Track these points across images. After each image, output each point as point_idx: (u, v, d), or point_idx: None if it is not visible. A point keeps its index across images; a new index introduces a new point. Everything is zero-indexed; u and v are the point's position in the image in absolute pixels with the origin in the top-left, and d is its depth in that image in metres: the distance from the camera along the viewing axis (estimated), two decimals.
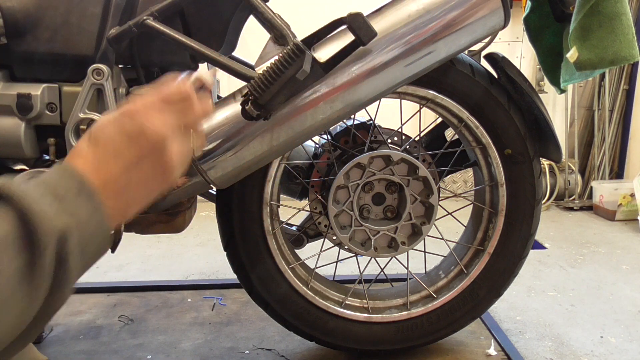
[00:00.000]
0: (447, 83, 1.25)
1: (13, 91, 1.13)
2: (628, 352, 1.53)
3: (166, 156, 0.61)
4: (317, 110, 1.01)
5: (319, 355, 1.49)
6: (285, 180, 1.39)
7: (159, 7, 1.07)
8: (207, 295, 1.87)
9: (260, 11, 1.05)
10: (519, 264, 1.39)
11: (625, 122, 3.25)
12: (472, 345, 1.53)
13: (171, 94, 0.63)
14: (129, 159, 0.59)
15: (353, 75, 1.00)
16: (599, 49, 1.06)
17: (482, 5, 1.03)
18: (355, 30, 0.92)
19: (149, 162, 0.60)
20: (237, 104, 0.98)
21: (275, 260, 1.33)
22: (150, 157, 0.60)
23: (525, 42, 3.16)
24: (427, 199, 1.30)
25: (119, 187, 0.58)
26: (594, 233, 2.70)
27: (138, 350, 1.51)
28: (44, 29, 1.12)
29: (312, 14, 2.82)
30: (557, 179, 3.25)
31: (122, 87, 1.16)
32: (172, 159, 0.62)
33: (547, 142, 1.32)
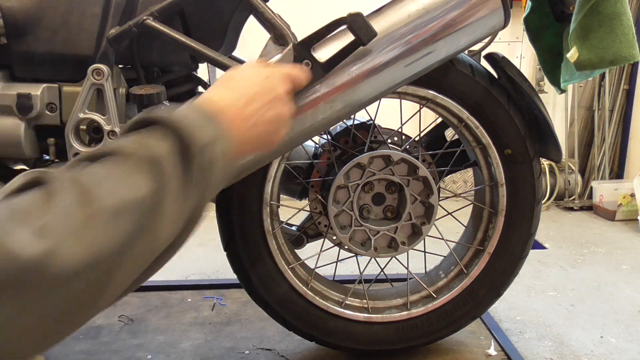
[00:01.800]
0: (447, 83, 1.25)
1: (13, 91, 1.12)
2: (628, 352, 1.53)
3: (284, 112, 0.77)
4: (317, 110, 1.01)
5: (319, 355, 1.49)
6: (285, 180, 1.39)
7: (159, 7, 1.07)
8: (207, 295, 1.87)
9: (260, 11, 1.05)
10: (519, 264, 1.39)
11: (625, 122, 3.25)
12: (472, 345, 1.53)
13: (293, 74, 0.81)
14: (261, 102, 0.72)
15: (353, 75, 1.00)
16: (599, 49, 1.05)
17: (482, 5, 1.03)
18: (355, 30, 0.92)
19: (272, 112, 0.74)
20: None
21: (275, 260, 1.33)
22: (274, 108, 0.74)
23: (525, 42, 3.16)
24: (427, 199, 1.30)
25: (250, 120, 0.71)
26: (594, 233, 2.70)
27: (138, 350, 1.51)
28: (44, 29, 1.12)
29: (312, 14, 2.81)
30: (557, 179, 3.25)
31: (122, 87, 1.16)
32: (288, 114, 0.78)
33: (547, 142, 1.32)
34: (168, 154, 0.56)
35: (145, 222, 0.53)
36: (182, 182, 0.57)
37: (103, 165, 0.54)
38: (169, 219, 0.55)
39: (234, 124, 0.68)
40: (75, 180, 0.51)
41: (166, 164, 0.55)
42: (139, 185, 0.53)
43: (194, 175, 0.58)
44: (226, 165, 0.64)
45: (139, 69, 1.17)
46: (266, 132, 0.74)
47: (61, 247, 0.46)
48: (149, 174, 0.54)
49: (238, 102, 0.70)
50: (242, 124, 0.70)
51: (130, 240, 0.51)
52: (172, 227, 0.57)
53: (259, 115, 0.72)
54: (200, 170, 0.59)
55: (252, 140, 0.72)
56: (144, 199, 0.53)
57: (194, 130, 0.59)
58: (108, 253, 0.49)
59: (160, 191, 0.54)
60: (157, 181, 0.54)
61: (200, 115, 0.63)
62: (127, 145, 0.56)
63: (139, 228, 0.52)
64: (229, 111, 0.68)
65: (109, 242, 0.49)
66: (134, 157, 0.54)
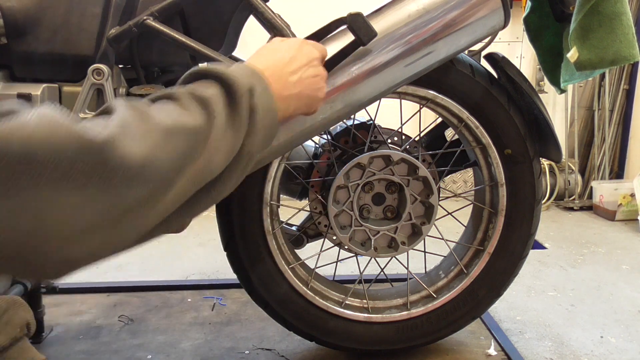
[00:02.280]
0: (447, 83, 1.25)
1: (13, 91, 1.12)
2: (628, 352, 1.53)
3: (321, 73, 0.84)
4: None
5: (319, 355, 1.49)
6: (285, 180, 1.39)
7: (159, 7, 1.07)
8: (207, 295, 1.87)
9: (260, 11, 1.05)
10: (519, 264, 1.39)
11: (625, 122, 3.25)
12: (472, 345, 1.53)
13: (319, 47, 0.87)
14: (300, 64, 0.80)
15: (353, 75, 1.00)
16: (599, 49, 1.05)
17: (482, 5, 1.03)
18: (355, 30, 0.92)
19: (312, 71, 0.82)
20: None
21: (275, 260, 1.33)
22: (314, 69, 0.82)
23: (525, 42, 3.16)
24: (427, 199, 1.30)
25: (291, 82, 0.78)
26: (594, 233, 2.70)
27: (138, 350, 1.51)
28: (44, 29, 1.12)
29: (312, 14, 2.81)
30: (557, 179, 3.25)
31: (122, 87, 1.16)
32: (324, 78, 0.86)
33: (547, 142, 1.32)
34: (215, 95, 0.63)
35: (195, 147, 0.59)
36: (228, 119, 0.63)
37: (160, 103, 0.61)
38: (217, 150, 0.61)
39: (275, 81, 0.75)
40: (135, 106, 0.57)
41: (213, 103, 0.62)
42: (190, 117, 0.59)
43: (238, 115, 0.64)
44: (269, 114, 0.70)
45: (139, 69, 1.17)
46: (306, 91, 0.80)
47: (122, 142, 0.51)
48: (199, 110, 0.61)
49: (278, 62, 0.78)
50: (283, 81, 0.77)
51: (182, 160, 0.57)
52: (219, 158, 0.62)
53: (299, 74, 0.79)
54: (243, 112, 0.65)
55: (293, 97, 0.78)
56: (194, 127, 0.59)
57: (237, 78, 0.65)
58: (162, 165, 0.54)
59: (209, 124, 0.61)
60: (206, 116, 0.61)
61: (245, 69, 0.70)
62: (179, 92, 0.63)
63: (190, 151, 0.58)
64: (270, 71, 0.75)
65: (163, 156, 0.55)
66: (185, 97, 0.62)
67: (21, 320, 0.94)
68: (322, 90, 0.85)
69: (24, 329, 0.95)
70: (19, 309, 0.95)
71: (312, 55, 0.83)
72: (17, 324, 0.93)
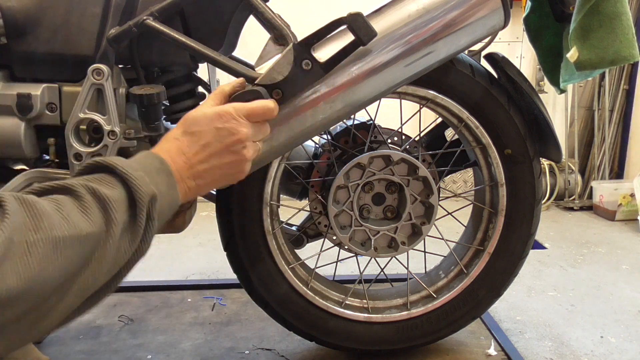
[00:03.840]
0: (447, 83, 1.25)
1: (13, 91, 1.12)
2: (628, 352, 1.53)
3: (244, 156, 0.79)
4: (317, 110, 1.01)
5: (319, 355, 1.49)
6: (285, 180, 1.39)
7: (159, 7, 1.07)
8: (207, 295, 1.87)
9: (260, 11, 1.05)
10: (519, 264, 1.39)
11: (625, 122, 3.25)
12: (472, 345, 1.53)
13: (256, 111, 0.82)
14: (214, 151, 0.76)
15: (353, 75, 1.00)
16: (599, 49, 1.05)
17: (482, 5, 1.03)
18: (355, 30, 0.92)
19: (229, 157, 0.78)
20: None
21: (275, 260, 1.33)
22: (231, 154, 0.78)
23: (525, 42, 3.16)
24: (427, 199, 1.30)
25: (200, 172, 0.75)
26: (594, 233, 2.70)
27: (138, 350, 1.51)
28: (44, 29, 1.12)
29: (312, 14, 2.81)
30: (557, 179, 3.25)
31: (122, 87, 1.16)
32: (247, 158, 0.80)
33: (547, 142, 1.32)
34: (117, 199, 0.61)
35: (87, 257, 0.57)
36: (125, 229, 0.62)
37: (56, 199, 0.57)
38: (108, 259, 0.59)
39: (185, 174, 0.74)
40: (30, 206, 0.54)
41: (114, 208, 0.60)
42: (87, 223, 0.57)
43: (136, 225, 0.63)
44: (168, 211, 0.70)
45: (139, 69, 1.17)
46: (221, 176, 0.79)
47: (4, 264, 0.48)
48: (98, 213, 0.59)
49: (192, 150, 0.75)
50: (194, 173, 0.75)
51: (72, 272, 0.55)
52: (109, 267, 0.61)
53: (214, 162, 0.77)
54: (142, 222, 0.63)
55: (203, 186, 0.77)
56: (89, 236, 0.57)
57: (142, 187, 0.63)
58: (47, 278, 0.52)
59: (105, 232, 0.59)
60: (104, 222, 0.59)
61: (153, 168, 0.68)
62: (80, 185, 0.60)
63: (80, 261, 0.56)
64: (181, 162, 0.74)
65: (49, 269, 0.52)
66: (87, 197, 0.59)
67: None
68: (239, 174, 0.82)
69: None
70: None
71: (236, 136, 0.78)
72: None
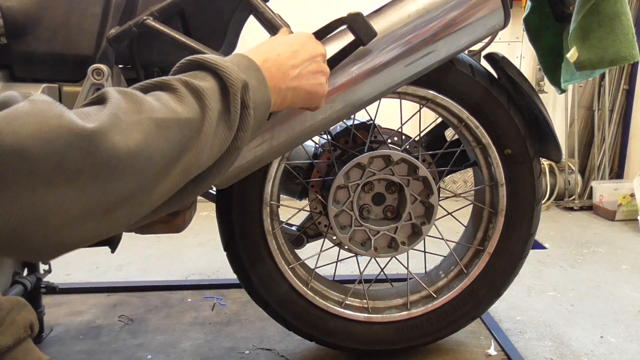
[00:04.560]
0: (447, 83, 1.25)
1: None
2: (628, 352, 1.53)
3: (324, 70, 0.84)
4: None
5: (319, 355, 1.49)
6: (285, 180, 1.39)
7: (159, 7, 1.07)
8: (207, 295, 1.87)
9: (260, 11, 1.05)
10: (519, 264, 1.39)
11: (625, 122, 3.25)
12: (472, 345, 1.53)
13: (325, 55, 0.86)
14: (303, 58, 0.79)
15: (353, 75, 1.00)
16: (599, 49, 1.05)
17: (482, 5, 1.03)
18: (355, 30, 0.92)
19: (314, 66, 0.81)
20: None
21: (275, 260, 1.33)
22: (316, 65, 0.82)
23: (525, 42, 3.16)
24: (427, 199, 1.30)
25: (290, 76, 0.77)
26: (594, 233, 2.70)
27: (138, 350, 1.51)
28: (44, 29, 1.12)
29: (312, 14, 2.81)
30: (557, 179, 3.25)
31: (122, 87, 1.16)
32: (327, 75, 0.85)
33: (547, 142, 1.32)
34: (210, 88, 0.63)
35: (187, 140, 0.59)
36: (220, 114, 0.63)
37: (154, 92, 0.60)
38: (208, 143, 0.61)
39: (274, 72, 0.75)
40: (129, 95, 0.57)
41: (208, 96, 0.62)
42: (184, 108, 0.59)
43: (231, 111, 0.65)
44: (261, 107, 0.71)
45: (139, 69, 1.17)
46: (305, 85, 0.81)
47: (112, 132, 0.50)
48: (193, 101, 0.61)
49: (280, 54, 0.77)
50: (282, 73, 0.77)
51: (173, 152, 0.57)
52: (209, 151, 0.62)
53: (300, 69, 0.79)
54: (236, 108, 0.65)
55: (290, 90, 0.78)
56: (188, 119, 0.59)
57: (232, 74, 0.65)
58: (153, 157, 0.54)
59: (203, 117, 0.61)
60: (200, 108, 0.61)
61: (242, 63, 0.70)
62: (175, 80, 0.62)
63: (182, 144, 0.58)
64: (269, 62, 0.75)
65: (154, 147, 0.54)
66: (181, 89, 0.61)
67: (25, 321, 0.94)
68: (322, 87, 0.84)
69: (28, 330, 0.95)
70: (22, 310, 0.95)
71: (315, 52, 0.83)
72: (21, 324, 0.93)
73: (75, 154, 0.48)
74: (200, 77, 0.64)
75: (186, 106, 0.60)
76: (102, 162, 0.49)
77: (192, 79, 0.63)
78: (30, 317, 0.96)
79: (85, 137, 0.48)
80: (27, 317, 0.95)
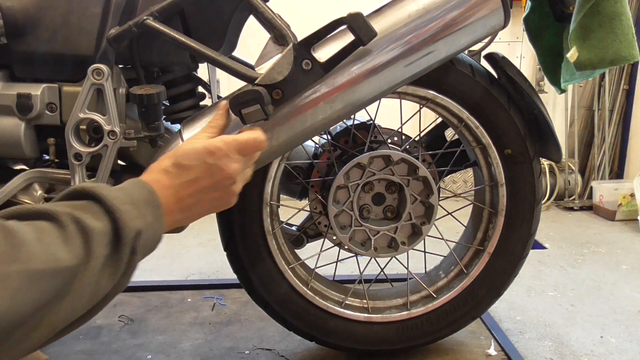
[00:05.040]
0: (447, 83, 1.25)
1: (13, 91, 1.12)
2: (628, 352, 1.53)
3: (232, 190, 0.81)
4: (317, 110, 1.01)
5: (319, 355, 1.49)
6: (285, 180, 1.39)
7: (159, 7, 1.07)
8: (207, 295, 1.87)
9: (260, 11, 1.05)
10: (519, 264, 1.39)
11: (625, 122, 3.25)
12: (472, 345, 1.53)
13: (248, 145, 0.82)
14: (203, 186, 0.76)
15: (353, 75, 1.00)
16: (599, 49, 1.05)
17: (482, 5, 1.03)
18: (355, 30, 0.92)
19: (218, 192, 0.78)
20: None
21: (275, 260, 1.33)
22: (220, 190, 0.79)
23: (525, 42, 3.16)
24: (427, 199, 1.30)
25: (187, 205, 0.75)
26: (594, 233, 2.70)
27: (138, 350, 1.51)
28: (44, 29, 1.12)
29: (312, 14, 2.81)
30: (557, 179, 3.25)
31: (122, 87, 1.16)
32: (235, 192, 0.82)
33: (547, 142, 1.32)
34: (101, 232, 0.59)
35: (63, 291, 0.55)
36: (105, 263, 0.59)
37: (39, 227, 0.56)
38: (85, 292, 0.58)
39: (173, 207, 0.73)
40: (9, 234, 0.52)
41: (96, 242, 0.58)
42: (67, 255, 0.55)
43: (118, 260, 0.61)
44: (151, 247, 0.69)
45: (139, 69, 1.17)
46: (207, 209, 0.79)
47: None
48: (79, 247, 0.57)
49: (181, 184, 0.74)
50: (181, 206, 0.74)
51: (45, 304, 0.53)
52: (87, 300, 0.59)
53: (202, 196, 0.77)
54: (124, 257, 0.62)
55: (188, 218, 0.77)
56: (67, 269, 0.55)
57: (128, 222, 0.62)
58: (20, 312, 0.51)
59: (84, 266, 0.57)
60: (84, 256, 0.57)
61: (142, 199, 0.67)
62: (64, 213, 0.58)
63: (56, 295, 0.54)
64: (169, 194, 0.72)
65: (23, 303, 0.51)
66: (70, 227, 0.57)
67: None
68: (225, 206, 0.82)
69: None
70: None
71: (221, 175, 0.78)
72: None
73: None
74: (93, 215, 0.60)
75: (70, 250, 0.56)
76: None
77: (84, 215, 0.59)
78: None
79: None
80: None
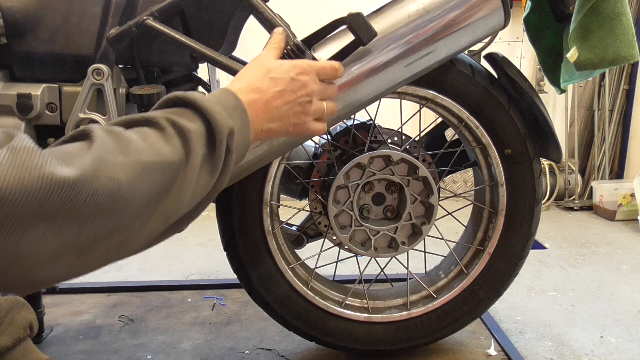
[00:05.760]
0: (447, 83, 1.25)
1: (13, 91, 1.12)
2: (628, 352, 1.53)
3: (307, 110, 0.82)
4: None
5: (319, 355, 1.49)
6: (285, 180, 1.39)
7: (159, 7, 1.07)
8: (207, 295, 1.87)
9: (260, 11, 1.05)
10: (519, 264, 1.39)
11: (625, 122, 3.25)
12: (472, 345, 1.53)
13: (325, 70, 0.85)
14: (287, 99, 0.78)
15: (353, 75, 1.00)
16: (599, 49, 1.05)
17: (482, 5, 1.03)
18: (355, 30, 0.92)
19: (297, 108, 0.80)
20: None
21: (275, 260, 1.33)
22: (299, 106, 0.80)
23: (525, 42, 3.16)
24: (427, 199, 1.30)
25: (274, 116, 0.77)
26: (594, 233, 2.70)
27: (138, 350, 1.51)
28: (44, 29, 1.12)
29: (312, 14, 2.81)
30: (557, 179, 3.25)
31: (122, 87, 1.16)
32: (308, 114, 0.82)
33: (547, 142, 1.32)
34: (197, 131, 0.63)
35: (169, 184, 0.59)
36: (204, 160, 0.63)
37: (141, 130, 0.60)
38: (190, 188, 0.62)
39: (259, 115, 0.75)
40: (114, 134, 0.57)
41: (194, 140, 0.62)
42: (170, 152, 0.59)
43: (215, 157, 0.65)
44: (243, 148, 0.71)
45: (139, 69, 1.17)
46: (287, 125, 0.81)
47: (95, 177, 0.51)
48: (178, 143, 0.61)
49: (268, 94, 0.77)
50: (268, 117, 0.77)
51: (155, 196, 0.58)
52: (191, 196, 0.63)
53: (285, 109, 0.79)
54: (221, 154, 0.65)
55: (273, 130, 0.79)
56: (172, 164, 0.59)
57: (220, 120, 0.65)
58: (133, 198, 0.54)
59: (186, 162, 0.61)
60: (185, 152, 0.61)
61: (230, 103, 0.70)
62: (162, 117, 0.62)
63: (164, 187, 0.59)
64: (257, 104, 0.75)
65: (136, 189, 0.55)
66: (168, 129, 0.61)
67: (24, 321, 0.94)
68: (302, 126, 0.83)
69: (27, 330, 0.95)
70: (21, 310, 0.95)
71: (308, 89, 0.81)
72: (21, 324, 0.93)
73: (54, 200, 0.48)
74: (188, 117, 0.64)
75: (172, 148, 0.59)
76: (82, 205, 0.50)
77: (180, 118, 0.63)
78: (29, 317, 0.96)
79: (67, 186, 0.49)
80: (27, 317, 0.95)
